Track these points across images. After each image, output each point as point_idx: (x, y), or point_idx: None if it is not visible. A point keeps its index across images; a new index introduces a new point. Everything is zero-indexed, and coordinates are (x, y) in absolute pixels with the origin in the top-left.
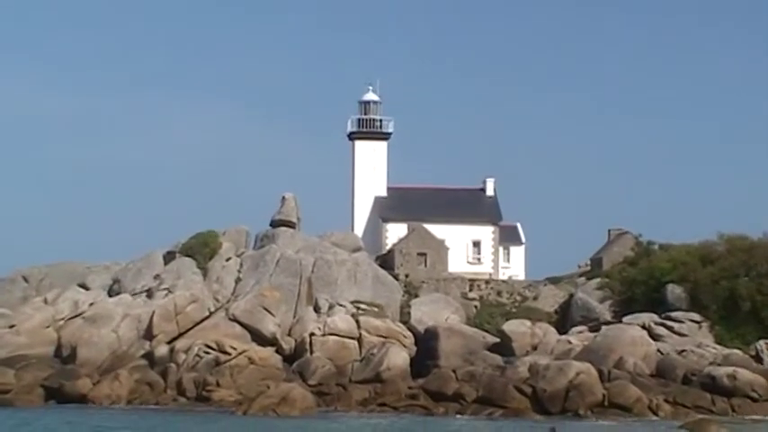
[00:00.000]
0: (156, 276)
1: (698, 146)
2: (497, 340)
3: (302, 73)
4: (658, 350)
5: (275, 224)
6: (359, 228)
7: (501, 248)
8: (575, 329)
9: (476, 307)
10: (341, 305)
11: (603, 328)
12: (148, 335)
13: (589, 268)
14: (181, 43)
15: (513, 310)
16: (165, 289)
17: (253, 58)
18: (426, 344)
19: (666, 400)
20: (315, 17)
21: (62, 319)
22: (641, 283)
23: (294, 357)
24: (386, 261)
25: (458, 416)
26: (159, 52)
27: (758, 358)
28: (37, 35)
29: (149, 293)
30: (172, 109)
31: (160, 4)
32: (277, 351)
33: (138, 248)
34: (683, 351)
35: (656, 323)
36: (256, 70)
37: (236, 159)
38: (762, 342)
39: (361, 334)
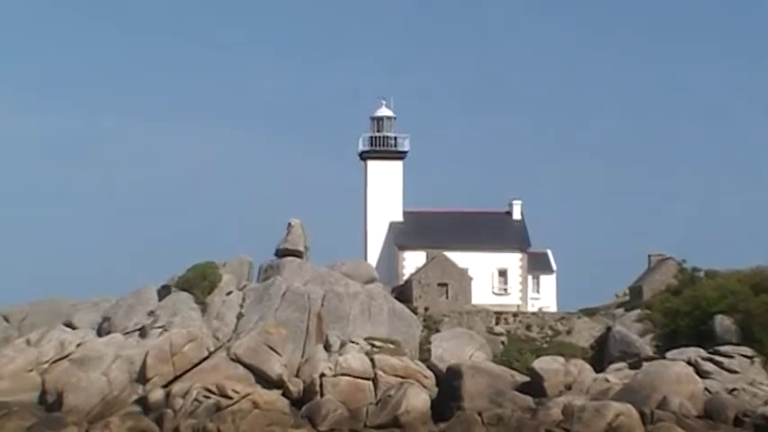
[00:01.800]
0: (150, 313)
1: (747, 163)
2: (527, 379)
3: (307, 87)
4: (706, 389)
5: (281, 254)
6: (372, 257)
7: (530, 277)
8: (613, 366)
9: (503, 342)
10: (354, 342)
11: (645, 364)
12: (142, 378)
13: (628, 298)
14: (174, 59)
15: (545, 345)
16: (159, 327)
17: (252, 73)
18: (448, 384)
19: None
20: (319, 24)
21: (47, 361)
22: (686, 315)
23: (303, 401)
24: (403, 293)
25: None
26: (152, 70)
27: None
28: (20, 53)
29: (142, 332)
30: (166, 131)
31: (154, 16)
32: (284, 394)
33: (129, 283)
34: (733, 389)
35: (704, 358)
36: (256, 85)
37: (236, 184)
38: None
39: (376, 374)
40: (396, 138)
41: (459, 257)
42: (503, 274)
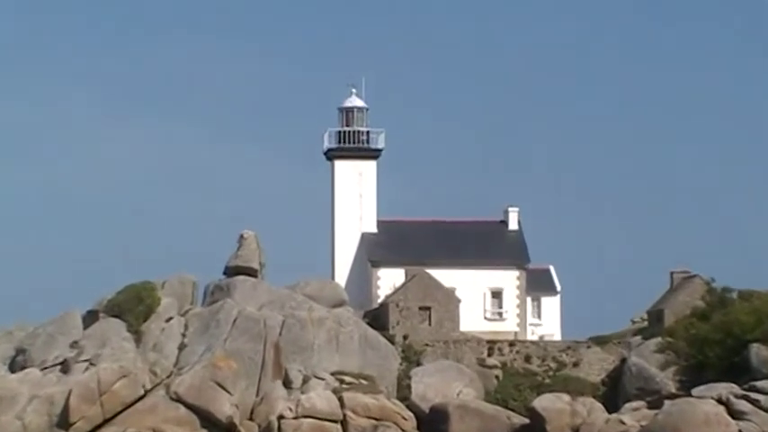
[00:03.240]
0: (74, 344)
1: None
2: (526, 421)
3: (261, 73)
4: (740, 431)
5: (231, 272)
6: (341, 275)
7: (529, 299)
8: (629, 406)
9: (497, 377)
10: (319, 378)
11: (667, 403)
12: (64, 422)
13: (646, 324)
14: (105, 44)
15: (547, 380)
16: (85, 360)
17: (192, 57)
18: (432, 427)
19: None
20: None
21: None
22: (716, 344)
23: None
24: (377, 318)
25: None
26: (84, 56)
27: None
28: None
29: (65, 367)
30: (89, 123)
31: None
32: None
33: (49, 307)
34: None
35: (737, 396)
36: (198, 71)
37: (177, 187)
38: None
39: (345, 415)
40: (368, 133)
41: (445, 275)
42: (497, 295)
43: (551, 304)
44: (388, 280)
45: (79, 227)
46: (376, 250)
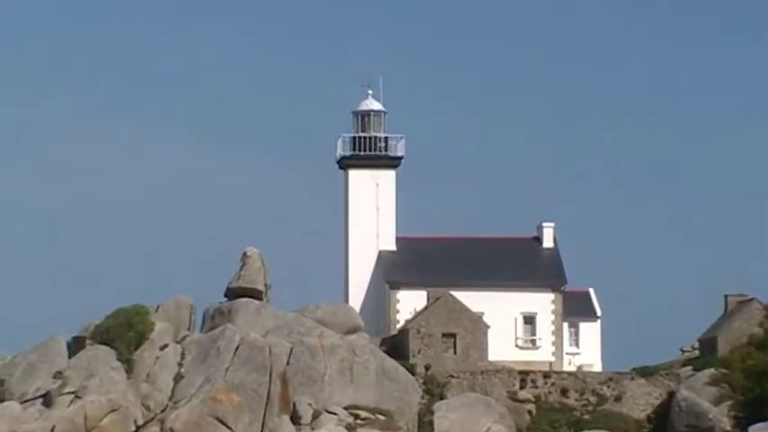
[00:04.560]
0: (58, 374)
1: None
2: None
3: (267, 72)
4: None
5: (233, 294)
6: (356, 298)
7: (566, 325)
8: None
9: (530, 412)
10: (331, 413)
11: None
12: None
13: (697, 353)
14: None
15: (586, 416)
16: (70, 393)
17: (196, 57)
18: None
19: None
20: None
21: None
22: None
23: None
24: (396, 346)
25: None
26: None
27: None
28: None
29: (47, 400)
30: (81, 129)
31: None
32: None
33: (30, 333)
34: None
35: None
36: (201, 73)
37: (174, 200)
38: None
39: None
40: (386, 139)
41: (472, 298)
42: (530, 320)
43: (591, 331)
44: (409, 303)
45: (64, 243)
46: (394, 270)
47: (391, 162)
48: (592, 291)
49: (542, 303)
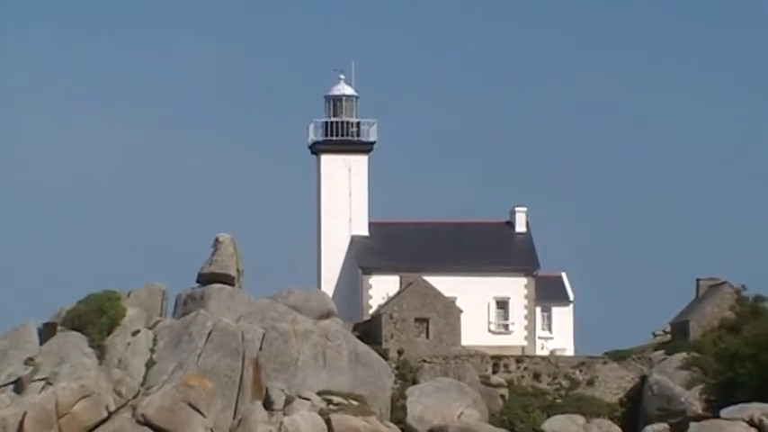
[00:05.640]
0: (28, 361)
1: None
2: None
3: (237, 57)
4: None
5: (205, 279)
6: (328, 283)
7: (538, 310)
8: (650, 428)
9: (503, 397)
10: (304, 398)
11: (693, 425)
12: None
13: (669, 337)
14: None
15: (559, 400)
16: (41, 379)
17: (162, 38)
18: None
19: None
20: None
21: None
22: (747, 359)
23: None
24: (369, 331)
25: None
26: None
27: None
28: None
29: (18, 386)
30: (45, 116)
31: None
32: None
33: (1, 320)
34: None
35: None
36: (167, 54)
37: (144, 186)
38: None
39: None
40: (358, 124)
41: (445, 283)
42: (502, 305)
43: (563, 315)
44: (381, 288)
45: (34, 229)
46: (367, 255)
47: (363, 147)
48: (564, 275)
49: (515, 288)
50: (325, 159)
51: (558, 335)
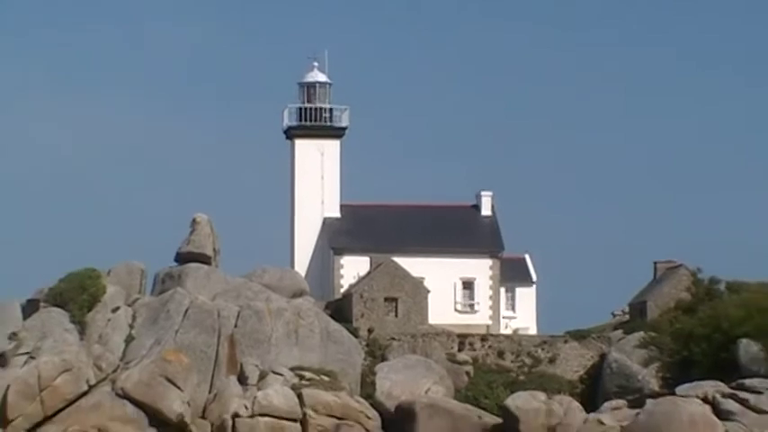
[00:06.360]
0: (12, 336)
1: None
2: (499, 421)
3: (213, 44)
4: None
5: (183, 258)
6: (301, 263)
7: (503, 290)
8: (608, 405)
9: (468, 374)
10: (277, 373)
11: (649, 402)
12: (1, 419)
13: (627, 318)
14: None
15: (521, 377)
16: (24, 353)
17: (139, 24)
18: (398, 427)
19: None
20: None
21: None
22: (702, 339)
23: None
24: (340, 310)
25: None
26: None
27: None
28: None
29: (2, 360)
30: (23, 99)
31: None
32: None
33: None
34: None
35: (725, 395)
36: (145, 40)
37: (123, 169)
38: None
39: (305, 414)
40: (331, 110)
41: (413, 264)
42: (468, 285)
43: (526, 296)
44: (352, 269)
45: (16, 210)
46: (339, 236)
47: (336, 132)
48: (527, 257)
49: (480, 269)
50: (299, 144)
51: (522, 314)
